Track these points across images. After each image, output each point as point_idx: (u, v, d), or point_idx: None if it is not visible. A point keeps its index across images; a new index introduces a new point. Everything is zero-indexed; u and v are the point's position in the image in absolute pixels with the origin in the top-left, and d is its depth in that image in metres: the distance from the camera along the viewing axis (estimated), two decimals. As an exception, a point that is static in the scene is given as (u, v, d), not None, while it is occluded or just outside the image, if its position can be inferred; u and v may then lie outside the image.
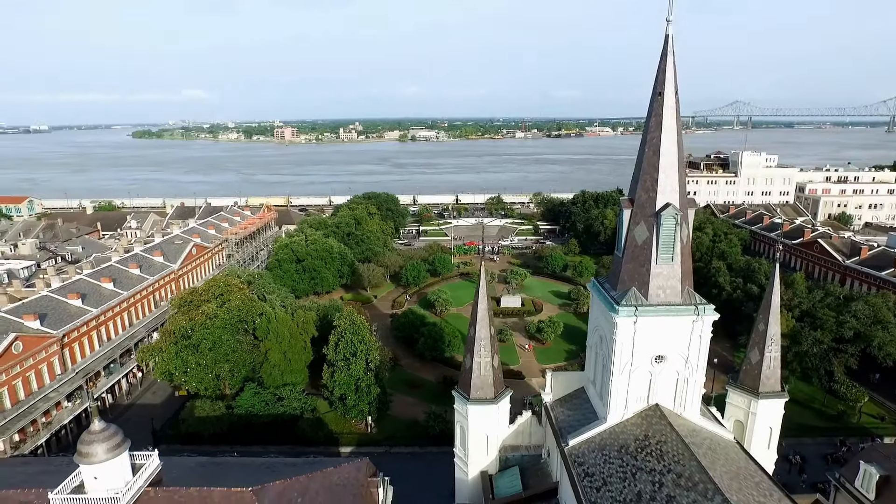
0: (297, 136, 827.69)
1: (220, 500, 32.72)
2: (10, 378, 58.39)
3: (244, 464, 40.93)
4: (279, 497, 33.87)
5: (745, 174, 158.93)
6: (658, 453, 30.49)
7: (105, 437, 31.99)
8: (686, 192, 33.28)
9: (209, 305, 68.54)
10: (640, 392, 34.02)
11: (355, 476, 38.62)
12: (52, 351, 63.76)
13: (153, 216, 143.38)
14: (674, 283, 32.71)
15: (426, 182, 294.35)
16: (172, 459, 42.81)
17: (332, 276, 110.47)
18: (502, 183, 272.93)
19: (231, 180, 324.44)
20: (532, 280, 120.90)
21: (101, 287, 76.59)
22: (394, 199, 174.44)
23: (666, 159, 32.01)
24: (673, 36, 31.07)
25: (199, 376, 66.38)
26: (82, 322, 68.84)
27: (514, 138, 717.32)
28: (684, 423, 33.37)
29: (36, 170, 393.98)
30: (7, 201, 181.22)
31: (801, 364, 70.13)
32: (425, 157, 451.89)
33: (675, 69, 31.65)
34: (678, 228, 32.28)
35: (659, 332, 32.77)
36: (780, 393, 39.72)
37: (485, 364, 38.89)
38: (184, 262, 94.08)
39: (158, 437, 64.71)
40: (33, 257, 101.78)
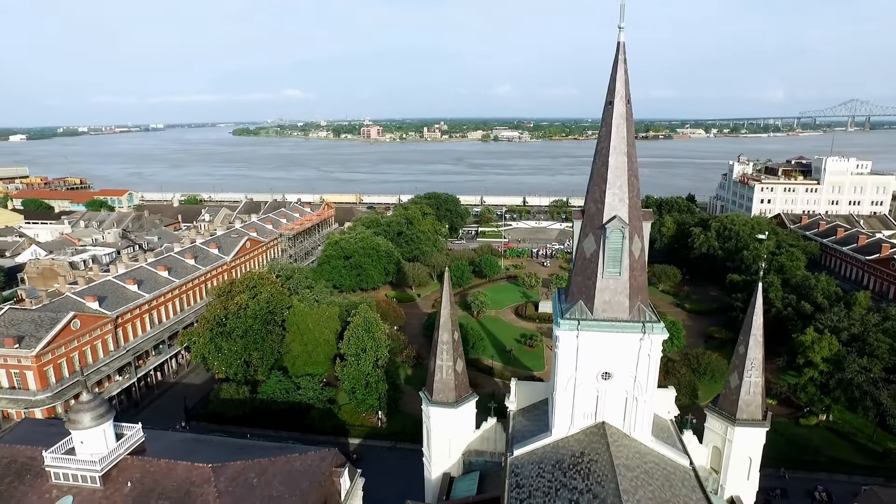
0: (382, 134, 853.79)
1: (182, 472, 35.97)
2: (69, 351, 66.27)
3: (225, 443, 44.17)
4: (236, 475, 36.58)
5: (830, 181, 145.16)
6: (586, 472, 29.88)
7: (91, 408, 36.17)
8: (639, 205, 32.12)
9: (242, 296, 73.71)
10: (587, 408, 33.32)
11: (318, 465, 40.65)
12: (107, 329, 71.44)
13: (224, 210, 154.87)
14: (621, 299, 31.71)
15: (499, 183, 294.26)
16: (166, 434, 47.32)
17: (378, 274, 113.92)
18: (576, 186, 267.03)
19: (311, 177, 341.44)
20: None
21: (157, 274, 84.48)
22: (454, 200, 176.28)
23: (614, 171, 31.19)
24: (625, 43, 30.23)
25: (229, 361, 71.66)
26: (135, 305, 76.45)
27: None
28: (630, 445, 32.31)
29: (145, 164, 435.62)
30: (112, 193, 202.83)
31: (844, 393, 64.03)
32: (501, 158, 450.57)
33: (628, 77, 30.76)
34: (626, 242, 31.27)
35: (605, 348, 31.94)
36: (761, 422, 37.11)
37: (446, 368, 39.50)
38: (237, 254, 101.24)
39: (191, 414, 70.60)
40: (115, 245, 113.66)
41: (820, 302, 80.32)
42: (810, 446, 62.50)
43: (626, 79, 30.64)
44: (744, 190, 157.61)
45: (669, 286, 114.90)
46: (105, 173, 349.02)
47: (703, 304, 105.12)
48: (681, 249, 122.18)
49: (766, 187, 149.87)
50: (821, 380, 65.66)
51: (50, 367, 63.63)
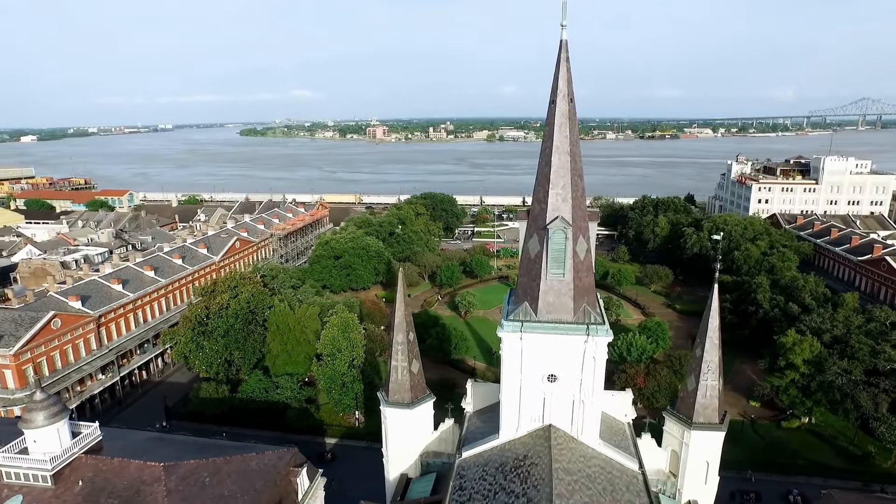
0: (387, 134, 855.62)
1: (134, 471, 36.06)
2: (50, 350, 66.76)
3: (186, 442, 44.26)
4: (189, 474, 36.61)
5: (828, 181, 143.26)
6: (525, 476, 29.61)
7: (43, 407, 36.33)
8: (584, 205, 31.73)
9: (223, 296, 73.98)
10: (534, 411, 33.01)
11: (275, 464, 40.64)
12: (89, 329, 71.91)
13: (220, 210, 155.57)
14: (565, 300, 31.36)
15: (500, 182, 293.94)
16: (130, 433, 47.48)
17: (368, 274, 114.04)
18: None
19: (313, 177, 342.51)
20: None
21: (143, 274, 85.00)
22: (450, 200, 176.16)
23: (557, 170, 30.88)
24: (567, 41, 29.91)
25: (210, 360, 71.90)
26: (119, 305, 76.91)
27: (604, 139, 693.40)
28: (575, 448, 31.98)
29: (150, 165, 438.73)
30: (112, 194, 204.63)
31: (826, 395, 63.21)
32: (504, 158, 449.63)
33: (570, 76, 30.42)
34: (569, 243, 30.94)
35: (549, 350, 31.61)
36: (717, 425, 36.51)
37: (401, 369, 39.30)
38: (226, 254, 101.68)
39: (171, 413, 70.94)
40: (108, 245, 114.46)
41: (807, 303, 79.41)
42: (788, 449, 61.84)
43: (570, 77, 30.29)
44: (741, 190, 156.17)
45: (661, 287, 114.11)
46: (110, 173, 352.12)
47: (694, 305, 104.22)
48: (674, 250, 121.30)
49: (764, 187, 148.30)
50: (802, 382, 64.94)
51: (29, 365, 64.11)
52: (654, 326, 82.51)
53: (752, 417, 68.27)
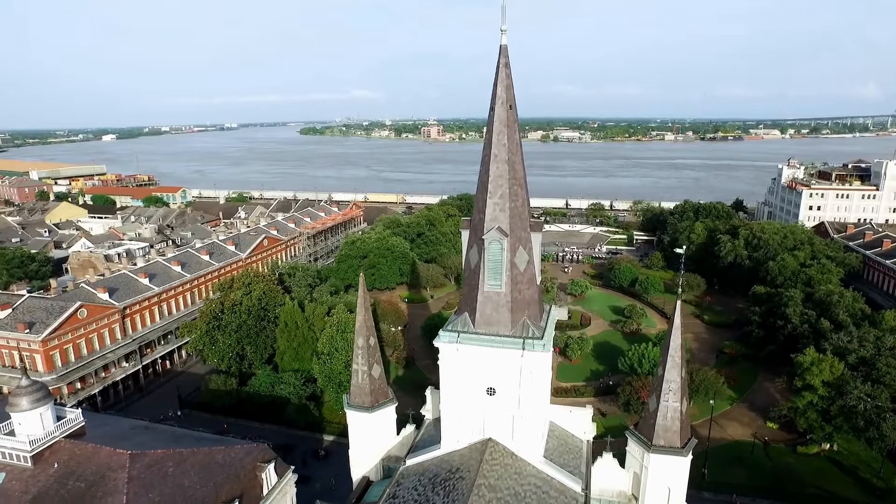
0: (442, 134, 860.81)
1: (104, 457, 38.01)
2: (76, 337, 71.44)
3: (166, 432, 46.01)
4: (154, 463, 38.20)
5: (891, 187, 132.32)
6: (449, 489, 29.22)
7: (29, 392, 38.89)
8: (525, 215, 30.88)
9: (237, 293, 76.83)
10: (474, 423, 32.51)
11: (241, 459, 41.87)
12: (114, 319, 76.39)
13: (259, 208, 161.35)
14: (503, 313, 30.70)
15: (545, 184, 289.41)
16: (120, 420, 50.04)
17: (392, 274, 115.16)
18: (627, 188, 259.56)
19: (361, 176, 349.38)
20: (596, 292, 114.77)
21: (170, 269, 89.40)
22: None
23: (495, 180, 30.27)
24: (507, 46, 29.26)
25: (223, 353, 74.83)
26: (143, 298, 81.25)
27: (662, 141, 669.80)
28: (511, 464, 31.26)
29: (209, 162, 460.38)
30: (167, 190, 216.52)
31: (847, 421, 58.60)
32: (553, 159, 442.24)
33: (510, 81, 29.74)
34: (506, 254, 30.26)
35: (487, 363, 31.03)
36: (678, 450, 34.47)
37: (362, 373, 39.52)
38: (253, 251, 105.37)
39: (184, 402, 74.33)
40: (150, 240, 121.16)
41: (841, 319, 73.94)
42: (800, 476, 57.78)
43: (509, 83, 29.63)
44: (792, 196, 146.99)
45: (693, 296, 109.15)
46: (172, 170, 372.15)
47: (723, 317, 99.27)
48: (710, 258, 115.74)
49: (816, 193, 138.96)
50: (821, 405, 60.52)
51: (56, 351, 68.81)
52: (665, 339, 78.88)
53: (765, 440, 64.28)
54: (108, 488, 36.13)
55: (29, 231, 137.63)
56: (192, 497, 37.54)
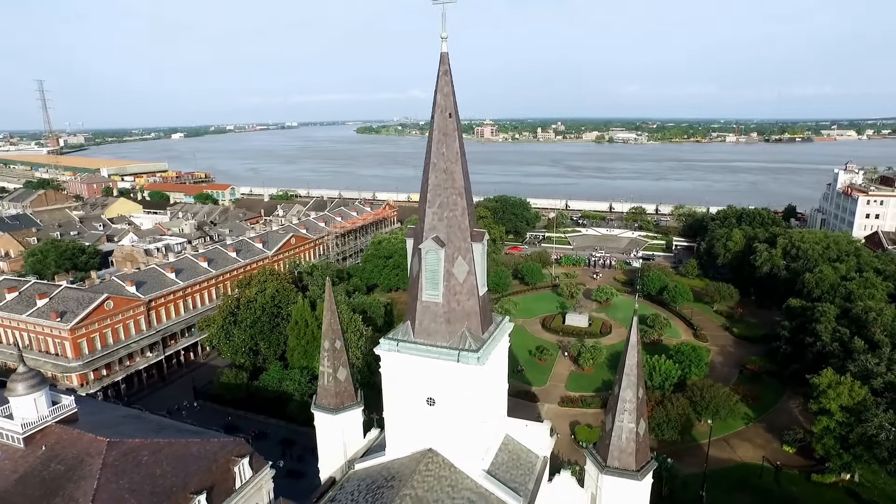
0: (495, 134, 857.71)
1: (86, 443, 40.32)
2: (102, 327, 76.07)
3: (153, 422, 48.28)
4: (129, 451, 40.20)
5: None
6: (377, 497, 29.28)
7: (23, 379, 41.72)
8: (465, 224, 30.34)
9: (251, 290, 79.56)
10: (416, 432, 32.37)
11: (216, 452, 43.39)
12: (139, 311, 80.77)
13: (297, 206, 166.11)
14: (440, 323, 30.41)
15: (592, 186, 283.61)
16: (117, 408, 52.85)
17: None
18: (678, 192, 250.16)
19: (407, 175, 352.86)
20: (622, 299, 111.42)
21: (197, 265, 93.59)
22: (521, 204, 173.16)
23: (433, 189, 30.01)
24: (448, 54, 29.00)
25: (237, 348, 77.68)
26: (169, 292, 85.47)
27: (723, 142, 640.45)
28: (448, 476, 30.92)
29: (264, 160, 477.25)
30: (218, 188, 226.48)
31: (868, 451, 54.32)
32: (602, 161, 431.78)
33: (451, 89, 29.39)
34: (444, 264, 29.97)
35: (426, 373, 30.82)
36: (632, 473, 33.08)
37: (327, 375, 40.03)
38: (279, 250, 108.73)
39: (199, 393, 77.69)
40: (189, 236, 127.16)
41: (878, 339, 68.63)
42: (807, 506, 54.04)
43: (451, 91, 29.27)
44: (847, 202, 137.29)
45: (725, 307, 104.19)
46: (229, 168, 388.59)
47: (754, 330, 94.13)
48: (747, 267, 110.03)
49: (874, 200, 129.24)
50: (839, 431, 56.40)
51: (83, 339, 73.53)
52: (688, 350, 75.79)
53: (777, 464, 60.50)
54: (83, 472, 38.32)
55: (86, 225, 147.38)
56: (162, 486, 39.26)
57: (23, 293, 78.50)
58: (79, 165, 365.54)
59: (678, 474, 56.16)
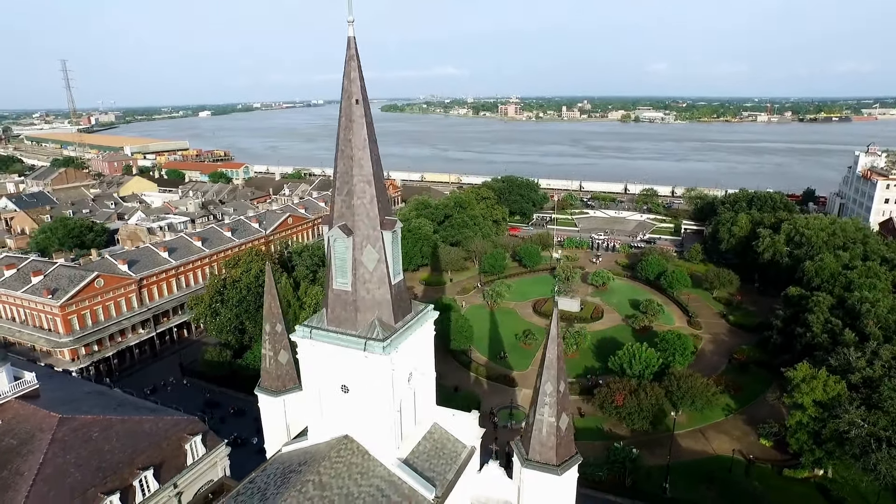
0: (519, 112, 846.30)
1: (39, 418, 41.69)
2: (93, 304, 78.25)
3: (114, 399, 49.64)
4: (80, 427, 41.46)
5: None
6: (284, 481, 29.55)
7: (-15, 356, 43.41)
8: (375, 212, 29.72)
9: (237, 270, 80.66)
10: (334, 419, 32.47)
11: (168, 430, 44.52)
12: (130, 289, 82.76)
13: (303, 185, 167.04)
14: (350, 311, 30.19)
15: (612, 167, 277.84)
16: (84, 384, 54.42)
17: (414, 256, 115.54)
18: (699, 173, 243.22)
19: (423, 154, 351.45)
20: (620, 284, 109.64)
21: (192, 244, 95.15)
22: (529, 184, 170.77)
23: (341, 176, 29.53)
24: (355, 38, 28.23)
25: (222, 327, 79.15)
26: (161, 270, 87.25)
27: (753, 122, 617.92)
28: (360, 464, 30.98)
29: (284, 139, 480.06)
30: (232, 166, 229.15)
31: (840, 447, 52.68)
32: (624, 140, 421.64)
33: (359, 74, 28.68)
34: (352, 252, 29.62)
35: (338, 360, 30.73)
36: (551, 467, 32.49)
37: (269, 358, 40.25)
38: (275, 229, 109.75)
39: (185, 370, 79.65)
40: (194, 214, 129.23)
41: (871, 332, 66.12)
42: (770, 501, 52.66)
43: (356, 76, 28.55)
44: (866, 187, 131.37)
45: (725, 293, 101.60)
46: (248, 146, 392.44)
47: (752, 318, 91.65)
48: (751, 253, 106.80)
49: (895, 184, 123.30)
50: (813, 427, 54.78)
51: (74, 316, 75.81)
52: (672, 338, 74.22)
53: (750, 457, 59.22)
54: (33, 447, 39.73)
55: (99, 203, 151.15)
56: (110, 461, 40.52)
57: (20, 270, 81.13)
58: (104, 143, 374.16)
59: (643, 465, 55.49)
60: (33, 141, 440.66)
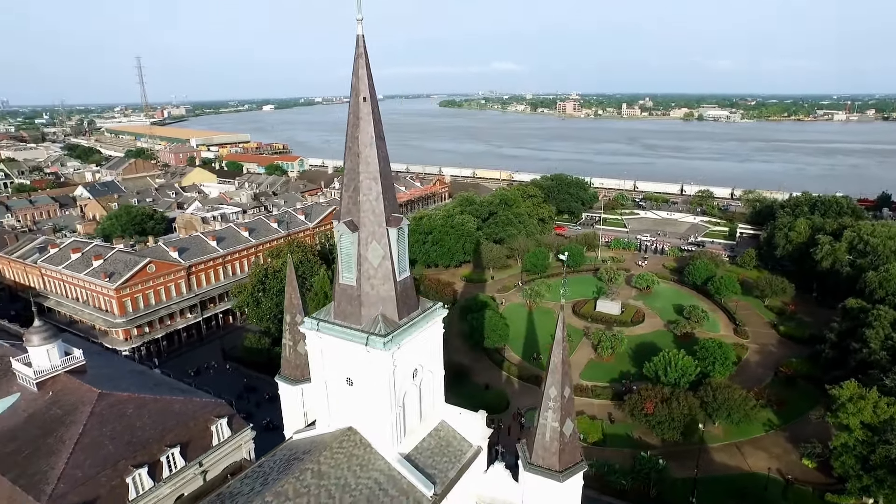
0: (578, 109, 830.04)
1: (83, 393, 44.55)
2: (145, 288, 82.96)
3: (153, 379, 52.45)
4: (117, 404, 44.14)
5: None
6: (287, 467, 30.45)
7: (39, 331, 46.57)
8: (381, 209, 29.98)
9: (278, 260, 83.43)
10: (339, 410, 33.19)
11: (196, 411, 46.69)
12: (180, 276, 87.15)
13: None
14: (354, 306, 30.70)
15: (668, 167, 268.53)
16: (127, 363, 57.68)
17: (456, 252, 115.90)
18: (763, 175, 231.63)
19: (477, 150, 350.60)
20: (665, 287, 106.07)
21: (239, 234, 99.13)
22: (578, 183, 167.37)
23: (348, 173, 30.07)
24: (363, 36, 28.60)
25: (262, 315, 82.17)
26: (209, 258, 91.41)
27: (829, 121, 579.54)
28: (361, 455, 31.52)
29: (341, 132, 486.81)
30: (288, 159, 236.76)
31: (892, 474, 48.93)
32: (683, 139, 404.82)
33: (367, 73, 29.03)
34: (357, 248, 30.08)
35: (343, 353, 31.36)
36: (553, 473, 31.82)
37: (288, 347, 41.55)
38: (321, 221, 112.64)
39: (227, 355, 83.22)
40: (246, 205, 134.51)
41: (937, 347, 61.24)
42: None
43: (364, 74, 28.91)
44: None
45: (778, 302, 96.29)
46: (305, 139, 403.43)
47: (803, 329, 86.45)
48: (809, 260, 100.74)
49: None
50: (861, 451, 51.21)
51: (128, 299, 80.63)
52: (713, 347, 71.12)
53: (788, 478, 56.01)
54: (75, 418, 42.62)
55: (161, 192, 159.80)
56: (140, 437, 42.94)
57: (84, 254, 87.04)
58: (173, 135, 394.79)
59: (669, 477, 53.62)
60: (112, 133, 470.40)
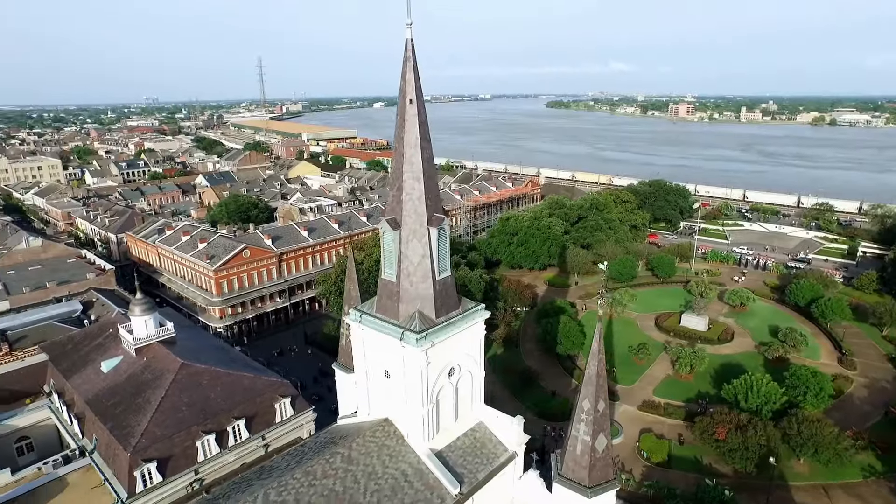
0: (691, 112, 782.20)
1: (168, 362, 49.63)
2: (240, 272, 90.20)
3: (229, 355, 57.11)
4: (195, 374, 48.77)
5: None
6: (322, 449, 32.16)
7: (140, 304, 52.56)
8: (423, 209, 30.73)
9: (361, 254, 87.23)
10: (378, 401, 34.48)
11: (263, 389, 50.39)
12: (271, 262, 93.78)
13: (446, 177, 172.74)
14: (393, 301, 31.75)
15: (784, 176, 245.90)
16: (210, 338, 63.04)
17: (542, 255, 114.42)
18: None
19: (579, 153, 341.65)
20: (762, 306, 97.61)
21: (329, 226, 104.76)
22: (678, 190, 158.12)
23: (394, 172, 31.32)
24: (412, 40, 29.48)
25: (341, 304, 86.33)
26: (299, 247, 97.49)
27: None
28: (392, 447, 32.65)
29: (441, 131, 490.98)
30: (389, 155, 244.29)
31: None
32: (806, 146, 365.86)
33: (415, 76, 29.86)
34: (398, 245, 31.09)
35: (382, 346, 32.59)
36: (582, 488, 30.97)
37: (345, 336, 43.40)
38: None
39: (308, 339, 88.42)
40: (342, 199, 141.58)
41: None
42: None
43: (412, 77, 29.79)
44: None
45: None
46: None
47: (928, 366, 75.86)
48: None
49: None
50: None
51: (224, 280, 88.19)
52: (806, 375, 64.58)
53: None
54: (160, 382, 47.69)
55: (268, 183, 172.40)
56: (211, 406, 47.11)
57: (193, 237, 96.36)
58: (287, 130, 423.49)
59: (736, 510, 49.68)
60: (235, 127, 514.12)
